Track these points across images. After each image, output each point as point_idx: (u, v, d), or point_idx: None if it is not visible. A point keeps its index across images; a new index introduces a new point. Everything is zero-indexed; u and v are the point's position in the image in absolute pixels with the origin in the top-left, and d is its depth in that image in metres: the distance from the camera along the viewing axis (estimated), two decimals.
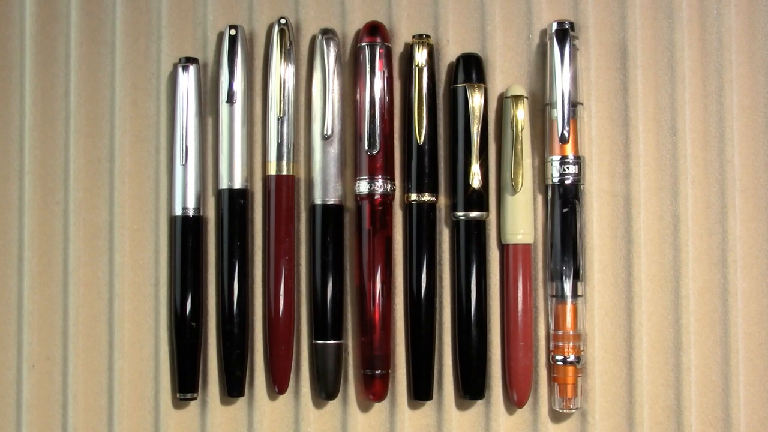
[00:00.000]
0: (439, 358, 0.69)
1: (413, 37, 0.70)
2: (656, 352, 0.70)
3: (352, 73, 0.71)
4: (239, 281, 0.68)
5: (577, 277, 0.69)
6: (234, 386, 0.68)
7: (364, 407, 0.70)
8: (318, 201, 0.69)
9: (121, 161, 0.70)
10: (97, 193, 0.70)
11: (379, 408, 0.70)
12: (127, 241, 0.70)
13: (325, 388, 0.68)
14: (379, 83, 0.69)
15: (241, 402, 0.70)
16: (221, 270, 0.69)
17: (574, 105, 0.69)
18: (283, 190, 0.69)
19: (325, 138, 0.69)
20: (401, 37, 0.71)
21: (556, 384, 0.69)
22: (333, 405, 0.70)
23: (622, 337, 0.70)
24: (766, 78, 0.72)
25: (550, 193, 0.70)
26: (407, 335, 0.69)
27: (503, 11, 0.71)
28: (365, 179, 0.69)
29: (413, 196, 0.69)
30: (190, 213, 0.69)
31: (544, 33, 0.71)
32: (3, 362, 0.70)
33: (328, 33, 0.70)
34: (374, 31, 0.69)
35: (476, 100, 0.69)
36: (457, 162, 0.69)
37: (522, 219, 0.69)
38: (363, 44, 0.69)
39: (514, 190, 0.69)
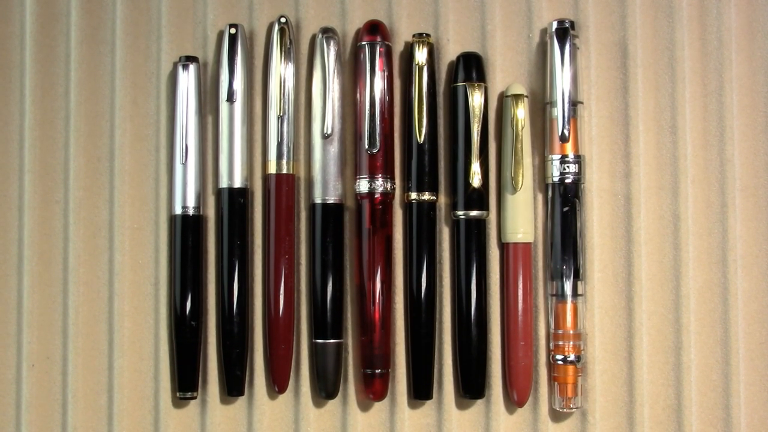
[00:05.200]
0: (439, 358, 0.69)
1: (413, 35, 0.70)
2: (656, 352, 0.70)
3: (352, 71, 0.71)
4: (239, 280, 0.68)
5: (577, 276, 0.69)
6: (234, 385, 0.68)
7: (364, 406, 0.70)
8: (318, 200, 0.69)
9: (121, 160, 0.70)
10: (97, 192, 0.70)
11: (379, 407, 0.70)
12: (126, 240, 0.70)
13: (325, 388, 0.68)
14: (379, 82, 0.69)
15: (241, 401, 0.70)
16: (221, 269, 0.69)
17: (574, 104, 0.69)
18: (283, 189, 0.69)
19: (325, 137, 0.69)
20: (401, 36, 0.71)
21: (556, 383, 0.69)
22: (333, 404, 0.70)
23: (622, 336, 0.70)
24: (766, 78, 0.72)
25: (550, 192, 0.70)
26: (407, 334, 0.69)
27: (503, 10, 0.72)
28: (365, 178, 0.69)
29: (413, 195, 0.69)
30: (190, 212, 0.69)
31: (544, 32, 0.71)
32: (3, 361, 0.70)
33: (328, 32, 0.70)
34: (374, 29, 0.69)
35: (476, 99, 0.69)
36: (458, 161, 0.69)
37: (522, 218, 0.69)
38: (363, 43, 0.69)
39: (515, 189, 0.69)
